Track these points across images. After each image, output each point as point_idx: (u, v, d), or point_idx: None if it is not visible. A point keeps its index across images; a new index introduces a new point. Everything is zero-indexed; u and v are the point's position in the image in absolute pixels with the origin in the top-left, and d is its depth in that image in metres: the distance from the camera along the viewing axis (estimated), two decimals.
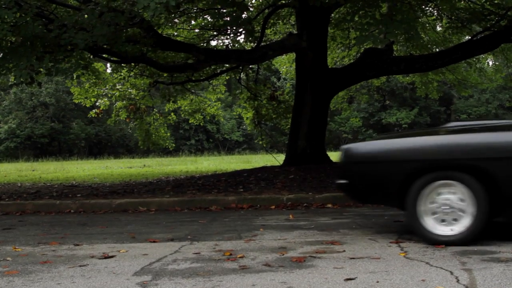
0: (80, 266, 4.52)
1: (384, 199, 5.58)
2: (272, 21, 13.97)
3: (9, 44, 9.97)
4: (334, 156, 15.63)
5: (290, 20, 14.90)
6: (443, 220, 5.00)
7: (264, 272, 4.09)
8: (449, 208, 4.98)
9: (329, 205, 8.18)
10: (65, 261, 4.76)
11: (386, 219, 6.79)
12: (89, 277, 4.11)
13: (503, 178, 4.87)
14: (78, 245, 5.54)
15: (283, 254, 4.72)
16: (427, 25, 15.31)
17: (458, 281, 3.71)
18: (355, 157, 5.55)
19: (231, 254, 4.78)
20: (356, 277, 3.85)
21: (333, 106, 19.93)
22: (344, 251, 4.81)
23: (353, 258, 4.49)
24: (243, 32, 12.93)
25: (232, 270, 4.20)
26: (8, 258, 4.94)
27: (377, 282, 3.73)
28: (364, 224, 6.36)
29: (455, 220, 4.96)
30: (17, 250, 5.39)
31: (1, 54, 9.78)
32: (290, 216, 7.21)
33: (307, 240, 5.41)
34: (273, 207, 8.22)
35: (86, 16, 8.47)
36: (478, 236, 4.92)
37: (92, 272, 4.28)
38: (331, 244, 5.16)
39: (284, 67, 19.88)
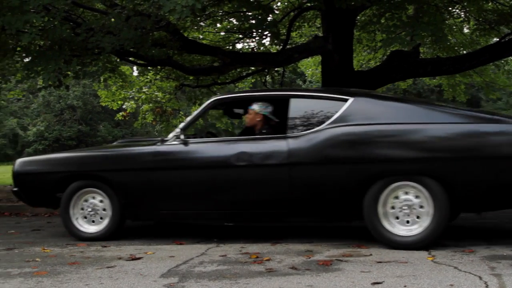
0: (108, 267, 4.56)
1: (45, 203, 6.62)
2: (297, 23, 13.94)
3: (37, 48, 10.10)
4: None
5: (315, 23, 14.85)
6: (92, 221, 6.08)
7: (291, 275, 4.08)
8: (92, 211, 6.06)
9: None
10: (93, 262, 4.80)
11: None
12: (116, 279, 4.14)
13: (122, 186, 5.88)
14: (105, 246, 5.59)
15: (309, 257, 4.72)
16: (454, 27, 15.16)
17: (487, 286, 3.67)
18: (20, 169, 6.45)
19: (257, 257, 4.78)
20: (383, 281, 3.83)
21: None
22: (371, 254, 4.78)
23: (380, 262, 4.46)
24: (269, 35, 12.92)
25: (258, 273, 4.20)
26: (37, 259, 5.00)
27: (405, 286, 3.70)
28: None
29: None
30: (46, 251, 5.46)
31: (30, 58, 9.90)
32: None
33: (333, 243, 5.39)
34: None
35: (113, 20, 8.53)
36: None
37: (119, 274, 4.31)
38: (358, 247, 5.14)
39: (310, 69, 19.82)
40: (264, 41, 14.59)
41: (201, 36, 14.67)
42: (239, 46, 15.63)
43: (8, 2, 8.07)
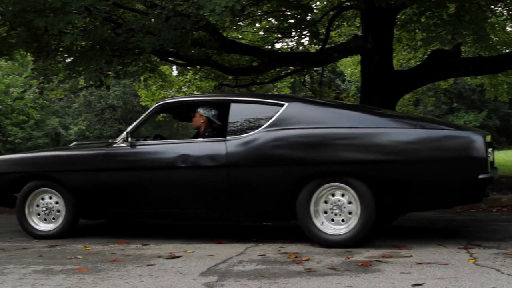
0: (148, 265, 4.60)
1: (3, 202, 6.80)
2: (336, 23, 13.89)
3: (79, 48, 10.25)
4: None
5: (355, 22, 14.77)
6: (45, 219, 6.32)
7: (330, 276, 4.07)
8: (47, 210, 6.30)
9: None
10: (133, 260, 4.85)
11: (455, 224, 6.66)
12: (156, 277, 4.18)
13: (73, 186, 6.13)
14: (145, 244, 5.64)
15: (348, 258, 4.69)
16: (497, 25, 14.93)
17: None
18: None
19: (296, 257, 4.78)
20: (424, 283, 3.79)
21: (399, 109, 19.66)
22: (411, 256, 4.74)
23: (421, 264, 4.41)
24: (308, 34, 12.90)
25: (297, 273, 4.20)
26: (79, 256, 5.08)
27: None
28: (432, 229, 6.26)
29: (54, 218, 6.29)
30: (87, 248, 5.53)
31: (72, 58, 10.05)
32: None
33: (373, 244, 5.35)
34: None
35: (153, 20, 8.61)
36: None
37: (159, 272, 4.35)
38: (398, 248, 5.09)
39: (349, 69, 19.74)
40: (303, 40, 14.56)
41: (240, 36, 14.72)
42: (278, 45, 15.63)
43: (51, 4, 8.21)
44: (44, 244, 5.87)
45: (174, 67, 17.86)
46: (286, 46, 15.76)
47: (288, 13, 11.60)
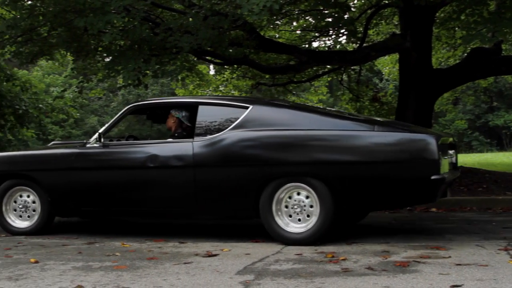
0: (185, 263, 4.63)
1: None
2: (374, 21, 13.78)
3: (118, 48, 10.36)
4: None
5: (393, 20, 14.65)
6: (21, 216, 6.58)
7: (367, 276, 4.04)
8: (24, 208, 6.56)
9: (434, 209, 7.99)
10: (171, 258, 4.88)
11: (494, 225, 6.56)
12: (193, 275, 4.20)
13: (48, 185, 6.35)
14: (183, 243, 5.68)
15: (386, 258, 4.66)
16: None
17: None
18: None
19: (333, 256, 4.76)
20: (463, 284, 3.74)
21: (437, 108, 19.47)
22: (449, 256, 4.68)
23: (459, 265, 4.36)
24: (346, 33, 12.85)
25: (334, 272, 4.18)
26: (117, 253, 5.13)
27: None
28: (471, 230, 6.17)
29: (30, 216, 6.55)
30: (125, 246, 5.59)
31: (111, 58, 10.17)
32: (394, 219, 7.10)
33: (410, 244, 5.31)
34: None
35: (190, 19, 8.66)
36: None
37: (196, 270, 4.37)
38: (436, 249, 5.04)
39: (387, 68, 19.59)
40: (340, 39, 14.51)
41: (277, 35, 14.71)
42: (315, 44, 15.59)
43: (90, 4, 8.31)
44: (83, 241, 5.95)
45: (211, 66, 17.94)
46: (323, 45, 15.71)
47: (326, 11, 11.57)
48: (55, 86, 41.27)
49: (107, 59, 10.86)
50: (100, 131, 6.30)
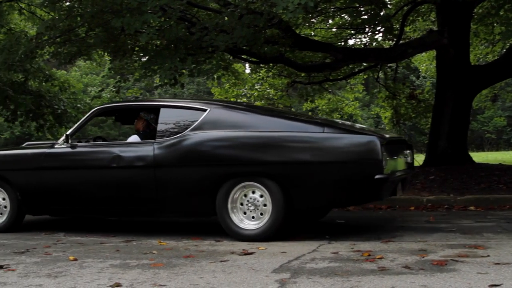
0: (221, 261, 4.65)
1: None
2: (411, 18, 13.66)
3: (154, 47, 10.45)
4: (477, 157, 15.02)
5: (430, 17, 14.49)
6: None
7: (404, 275, 4.00)
8: None
9: (472, 208, 7.89)
10: (207, 256, 4.91)
11: None
12: (229, 273, 4.22)
13: (19, 184, 6.64)
14: (219, 241, 5.70)
15: (423, 257, 4.61)
16: None
17: None
18: None
19: (369, 255, 4.73)
20: (502, 284, 3.68)
21: (475, 105, 19.19)
22: (488, 255, 4.61)
23: (498, 264, 4.29)
24: (382, 30, 12.74)
25: (370, 271, 4.15)
26: (154, 251, 5.17)
27: None
28: (510, 228, 6.07)
29: None
30: (162, 244, 5.64)
31: (147, 57, 10.26)
32: (431, 218, 7.03)
33: (448, 243, 5.25)
34: (412, 208, 8.04)
35: (226, 18, 8.69)
36: None
37: (232, 268, 4.38)
38: (474, 248, 4.97)
39: (424, 65, 19.40)
40: (376, 36, 14.41)
41: (313, 33, 14.67)
42: (351, 42, 15.51)
43: (127, 4, 8.39)
44: (120, 239, 6.02)
45: (247, 65, 17.97)
46: (359, 42, 15.62)
47: (362, 8, 11.50)
48: (93, 86, 41.79)
49: (144, 59, 10.96)
50: (68, 132, 6.56)
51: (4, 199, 6.80)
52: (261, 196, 5.68)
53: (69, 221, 7.69)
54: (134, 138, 6.63)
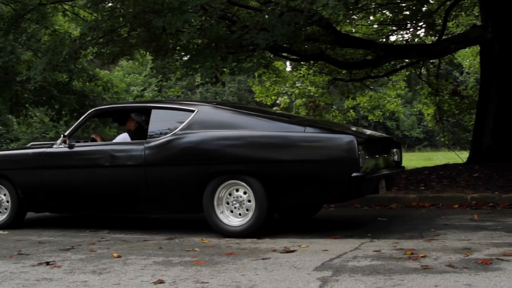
0: (263, 259, 4.66)
1: None
2: (454, 13, 13.45)
3: (195, 46, 10.51)
4: None
5: (473, 11, 14.26)
6: None
7: (447, 273, 3.96)
8: None
9: None
10: (249, 253, 4.93)
11: None
12: (271, 270, 4.23)
13: (20, 182, 6.95)
14: (260, 238, 5.71)
15: (467, 255, 4.55)
16: None
17: None
18: None
19: (412, 253, 4.69)
20: None
21: None
22: None
23: None
24: (424, 25, 12.60)
25: (413, 269, 4.12)
26: (196, 249, 5.21)
27: None
28: None
29: None
30: (204, 241, 5.68)
31: (189, 56, 10.33)
32: (475, 216, 6.93)
33: (493, 241, 5.17)
34: (456, 206, 7.94)
35: (266, 16, 8.69)
36: None
37: (274, 266, 4.39)
38: None
39: (467, 60, 19.09)
40: (418, 32, 14.23)
41: (354, 30, 14.56)
42: (392, 38, 15.37)
43: (168, 4, 8.46)
44: (163, 236, 6.08)
45: (287, 63, 17.96)
46: (401, 39, 15.45)
47: (403, 4, 11.39)
48: (135, 85, 42.23)
49: (185, 58, 11.03)
50: (65, 133, 6.87)
51: (6, 196, 7.11)
52: (245, 193, 5.87)
53: (113, 219, 7.80)
54: (122, 137, 6.89)
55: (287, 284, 3.80)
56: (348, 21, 13.52)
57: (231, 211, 5.93)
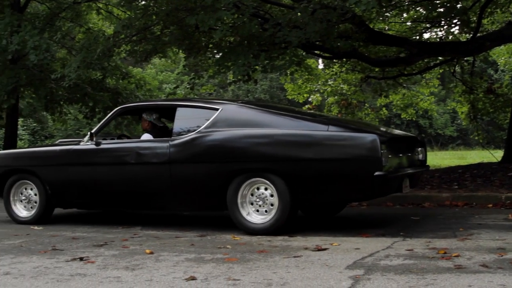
0: (295, 257, 4.66)
1: None
2: (489, 10, 13.25)
3: (228, 44, 10.53)
4: None
5: (509, 8, 14.03)
6: (25, 207, 7.39)
7: (481, 273, 3.92)
8: (27, 199, 7.36)
9: None
10: (280, 251, 4.93)
11: None
12: (303, 268, 4.22)
13: (48, 178, 7.09)
14: (292, 236, 5.71)
15: (501, 256, 4.49)
16: None
17: None
18: None
19: (445, 253, 4.64)
20: None
21: None
22: None
23: None
24: (458, 23, 12.44)
25: (446, 269, 4.08)
26: (228, 246, 5.24)
27: None
28: None
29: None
30: (235, 238, 5.69)
31: (221, 54, 10.35)
32: (509, 215, 6.83)
33: None
34: (490, 205, 7.84)
35: (299, 14, 8.67)
36: None
37: (305, 263, 4.39)
38: None
39: (503, 58, 18.82)
40: (453, 29, 14.04)
41: (387, 27, 14.45)
42: (426, 35, 15.18)
43: (201, 2, 8.49)
44: (195, 233, 6.12)
45: (320, 60, 17.88)
46: (435, 36, 15.28)
47: (437, 1, 11.26)
48: (168, 83, 42.48)
49: (218, 56, 11.06)
50: (92, 131, 6.97)
51: (34, 192, 7.28)
52: (267, 189, 5.94)
53: (145, 215, 7.87)
54: (146, 136, 6.96)
55: (318, 282, 3.80)
56: (381, 18, 13.40)
57: (256, 210, 5.99)
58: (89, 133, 6.96)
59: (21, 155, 7.77)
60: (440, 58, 13.78)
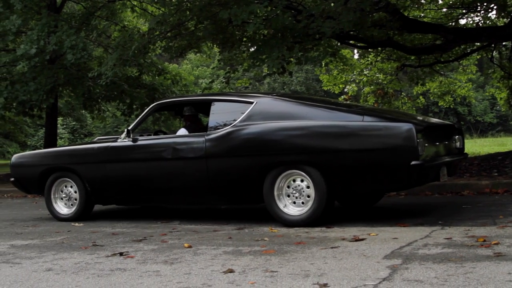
0: (332, 248, 4.66)
1: (34, 190, 7.93)
2: None
3: (262, 37, 10.54)
4: None
5: None
6: (65, 204, 7.52)
7: None
8: (67, 197, 7.51)
9: None
10: (317, 242, 4.94)
11: None
12: (340, 259, 4.22)
13: (87, 176, 7.21)
14: (329, 227, 5.71)
15: None
16: None
17: None
18: (15, 162, 8.00)
19: (484, 241, 4.59)
20: None
21: None
22: None
23: None
24: (495, 7, 12.25)
25: (486, 257, 4.04)
26: (266, 238, 5.26)
27: None
28: None
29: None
30: (273, 231, 5.72)
31: (255, 47, 10.37)
32: None
33: None
34: None
35: (332, 4, 8.63)
36: None
37: (343, 254, 4.39)
38: None
39: None
40: (490, 14, 13.83)
41: (422, 14, 14.29)
42: (462, 21, 14.99)
43: None
44: (232, 226, 6.16)
45: (355, 50, 17.79)
46: (471, 22, 15.07)
47: None
48: (204, 78, 42.70)
49: (252, 49, 11.08)
50: (129, 128, 7.05)
51: (74, 189, 7.42)
52: (304, 182, 5.93)
53: (184, 210, 7.94)
54: (182, 131, 7.06)
55: (356, 272, 3.80)
56: (416, 6, 13.26)
57: (292, 202, 6.00)
58: (126, 130, 7.05)
59: (61, 153, 7.89)
60: (477, 44, 13.58)
